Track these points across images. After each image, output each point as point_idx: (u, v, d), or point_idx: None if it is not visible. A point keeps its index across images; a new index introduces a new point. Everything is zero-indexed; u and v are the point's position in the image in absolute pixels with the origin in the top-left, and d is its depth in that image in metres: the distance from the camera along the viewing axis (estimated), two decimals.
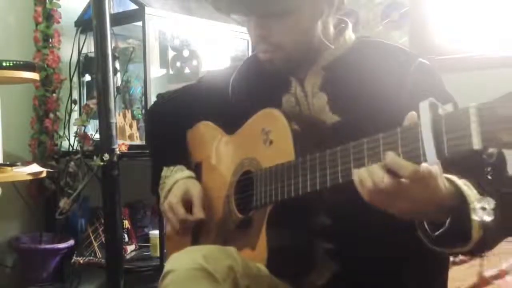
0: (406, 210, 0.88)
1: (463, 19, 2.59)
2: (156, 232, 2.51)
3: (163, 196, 1.31)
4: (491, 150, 0.75)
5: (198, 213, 1.24)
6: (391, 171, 0.84)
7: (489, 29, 2.51)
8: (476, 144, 0.73)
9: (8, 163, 2.18)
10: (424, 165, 0.82)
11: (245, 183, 1.18)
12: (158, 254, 2.46)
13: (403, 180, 0.84)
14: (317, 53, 1.16)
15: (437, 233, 0.91)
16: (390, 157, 0.84)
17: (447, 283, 1.16)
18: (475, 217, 0.85)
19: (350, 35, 1.18)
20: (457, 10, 2.61)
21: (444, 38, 2.62)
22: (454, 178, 0.92)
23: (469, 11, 2.58)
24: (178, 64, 2.80)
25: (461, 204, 0.89)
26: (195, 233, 1.31)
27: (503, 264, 1.76)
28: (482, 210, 0.82)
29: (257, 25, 1.12)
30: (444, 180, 0.88)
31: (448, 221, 0.89)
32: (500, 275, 1.75)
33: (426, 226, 0.93)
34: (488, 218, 0.82)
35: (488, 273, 1.75)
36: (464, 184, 0.91)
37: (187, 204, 1.26)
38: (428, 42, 2.61)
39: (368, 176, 0.86)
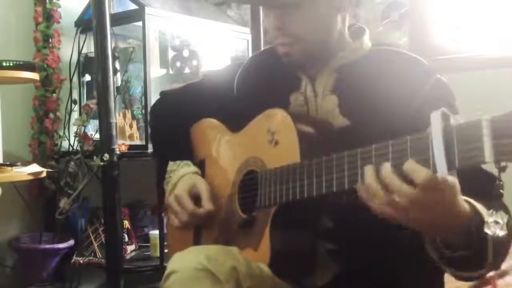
0: (419, 222, 0.87)
1: (463, 19, 2.59)
2: (156, 232, 2.51)
3: (168, 190, 1.30)
4: (503, 163, 0.74)
5: (208, 205, 1.22)
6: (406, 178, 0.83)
7: (489, 29, 2.51)
8: (488, 157, 0.72)
9: (8, 163, 2.18)
10: (439, 174, 0.80)
11: (249, 183, 1.17)
12: (158, 254, 2.46)
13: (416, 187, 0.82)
14: (332, 53, 1.16)
15: (459, 253, 0.90)
16: (408, 162, 0.82)
17: (444, 283, 1.16)
18: (488, 231, 0.84)
19: (367, 41, 1.18)
20: (457, 10, 2.61)
21: (444, 38, 2.62)
22: (470, 200, 0.91)
23: (469, 11, 2.58)
24: (178, 64, 2.80)
25: (479, 225, 0.88)
26: (197, 232, 1.30)
27: (503, 264, 1.75)
28: (495, 224, 0.81)
29: (276, 17, 1.12)
30: (462, 197, 0.88)
31: (472, 239, 0.88)
32: (500, 275, 1.75)
33: (440, 245, 0.93)
34: (501, 232, 0.82)
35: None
36: (480, 207, 0.90)
37: (194, 199, 1.25)
38: (428, 42, 2.61)
39: (380, 188, 0.85)
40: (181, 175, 1.29)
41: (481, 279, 0.96)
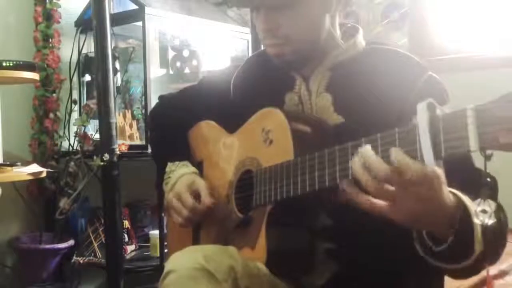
0: (406, 213, 0.87)
1: (463, 19, 2.59)
2: (156, 232, 2.52)
3: (167, 190, 1.30)
4: (488, 151, 0.74)
5: (207, 200, 1.22)
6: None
7: (489, 29, 2.51)
8: (473, 145, 0.73)
9: (8, 163, 2.18)
10: (426, 164, 0.80)
11: (245, 183, 1.17)
12: (158, 254, 2.46)
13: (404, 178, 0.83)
14: (325, 52, 1.16)
15: (441, 247, 0.91)
16: (395, 151, 0.83)
17: (444, 283, 1.16)
18: (476, 220, 0.84)
19: (360, 40, 1.19)
20: (456, 10, 2.61)
21: (444, 38, 2.62)
22: (456, 191, 0.91)
23: (469, 11, 2.58)
24: (178, 64, 2.80)
25: (463, 216, 0.89)
26: (196, 232, 1.31)
27: (503, 264, 1.76)
28: (483, 213, 0.81)
29: (266, 18, 1.13)
30: (447, 189, 0.88)
31: (453, 231, 0.89)
32: (500, 275, 1.75)
33: (425, 237, 0.93)
34: (490, 221, 0.82)
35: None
36: (466, 199, 0.91)
37: (194, 196, 1.25)
38: (428, 42, 2.61)
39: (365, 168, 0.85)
40: (180, 175, 1.29)
41: (474, 271, 0.95)
